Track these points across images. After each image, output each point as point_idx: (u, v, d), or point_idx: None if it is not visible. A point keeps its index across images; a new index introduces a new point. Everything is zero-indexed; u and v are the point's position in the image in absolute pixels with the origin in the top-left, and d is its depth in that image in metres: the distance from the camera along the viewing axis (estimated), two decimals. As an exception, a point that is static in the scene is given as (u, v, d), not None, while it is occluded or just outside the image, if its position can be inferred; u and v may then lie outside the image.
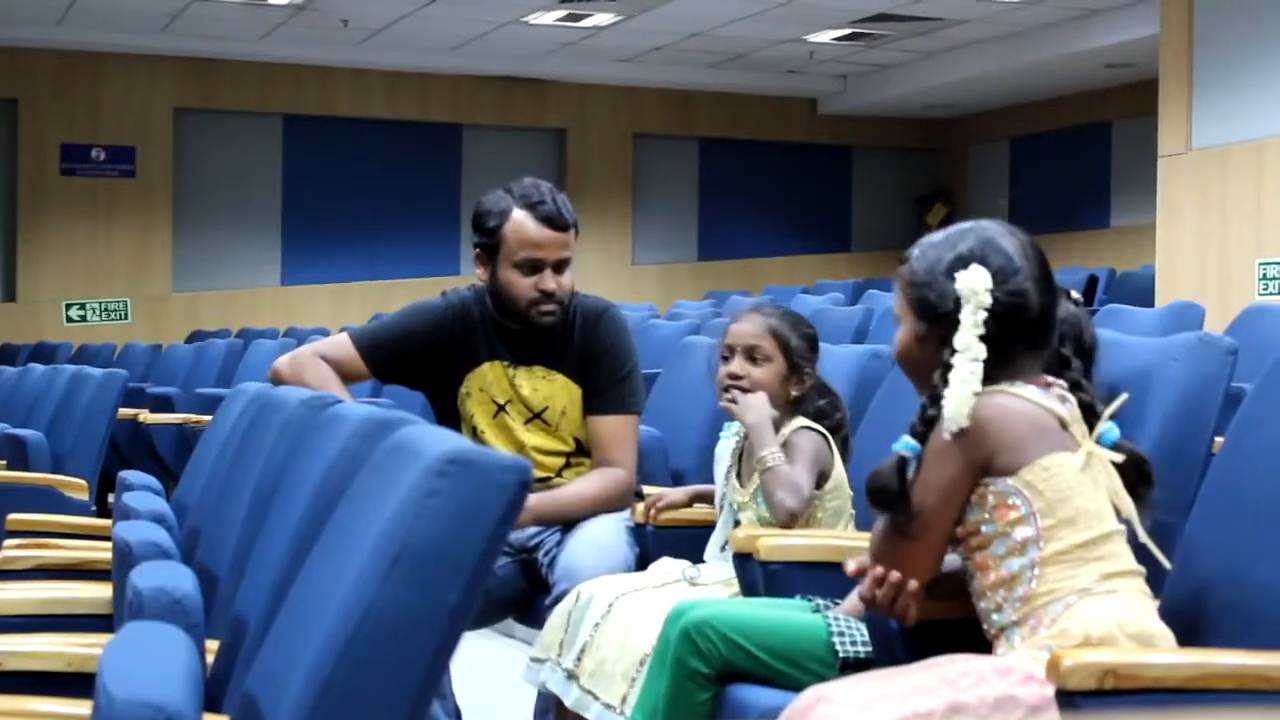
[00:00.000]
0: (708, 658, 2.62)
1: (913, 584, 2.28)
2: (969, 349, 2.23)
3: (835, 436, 3.21)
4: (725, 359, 3.25)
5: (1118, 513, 2.26)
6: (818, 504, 3.12)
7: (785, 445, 3.11)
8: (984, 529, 2.25)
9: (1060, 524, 2.20)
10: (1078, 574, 2.19)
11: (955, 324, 2.24)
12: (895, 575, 2.27)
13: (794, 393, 3.19)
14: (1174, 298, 7.90)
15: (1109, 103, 15.10)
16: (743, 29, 13.71)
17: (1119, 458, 2.27)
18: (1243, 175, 9.15)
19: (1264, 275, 9.01)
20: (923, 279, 2.30)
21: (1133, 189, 14.43)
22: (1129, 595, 2.21)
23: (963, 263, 2.27)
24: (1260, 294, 8.92)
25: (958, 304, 2.25)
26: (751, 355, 3.19)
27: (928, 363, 2.30)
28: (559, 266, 3.65)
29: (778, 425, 3.16)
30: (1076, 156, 15.74)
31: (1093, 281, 10.74)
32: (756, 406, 3.13)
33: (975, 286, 2.24)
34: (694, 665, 2.63)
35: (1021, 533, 2.21)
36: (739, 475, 3.27)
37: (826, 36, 14.04)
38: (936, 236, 2.36)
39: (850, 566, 2.35)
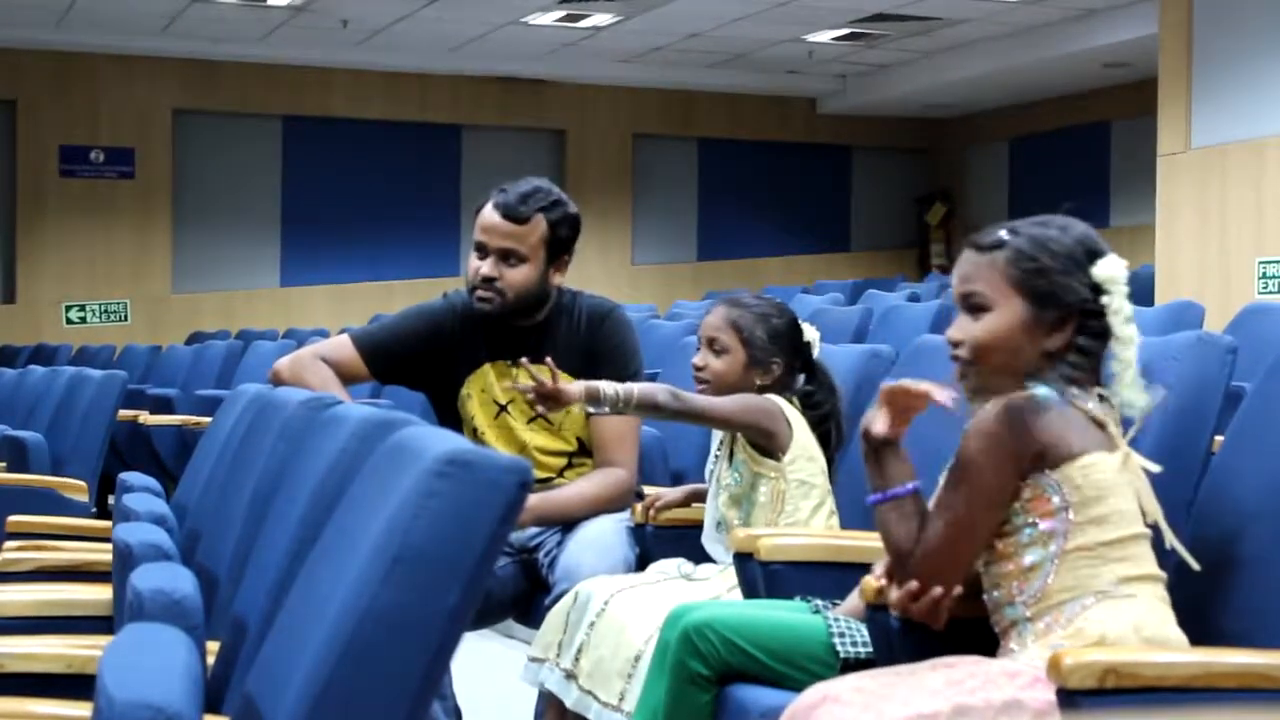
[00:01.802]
0: (707, 659, 2.62)
1: (938, 590, 2.26)
2: (1129, 335, 2.22)
3: (822, 425, 3.27)
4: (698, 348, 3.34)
5: (1144, 519, 2.25)
6: (778, 476, 3.17)
7: None
8: (1014, 518, 2.24)
9: (1090, 522, 2.19)
10: (1098, 574, 2.18)
11: (1079, 314, 2.23)
12: (938, 590, 2.24)
13: (759, 382, 3.24)
14: (1174, 297, 7.90)
15: (1108, 102, 15.10)
16: (742, 29, 13.70)
17: (1155, 467, 2.25)
18: (1242, 174, 9.14)
19: (1264, 274, 9.01)
20: (1047, 264, 2.25)
21: (1132, 189, 14.43)
22: (1147, 601, 2.20)
23: (1095, 254, 2.25)
24: (1260, 293, 8.92)
25: (1095, 291, 2.24)
26: (712, 346, 3.27)
27: (1026, 351, 2.25)
28: (505, 256, 3.62)
29: None
30: (1075, 156, 15.73)
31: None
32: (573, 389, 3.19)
33: (1116, 275, 2.23)
34: (694, 667, 2.63)
35: (1048, 524, 2.21)
36: (730, 457, 3.30)
37: (825, 36, 14.03)
38: (1030, 225, 2.30)
39: (877, 571, 2.34)
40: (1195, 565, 2.26)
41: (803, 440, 3.20)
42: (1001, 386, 2.25)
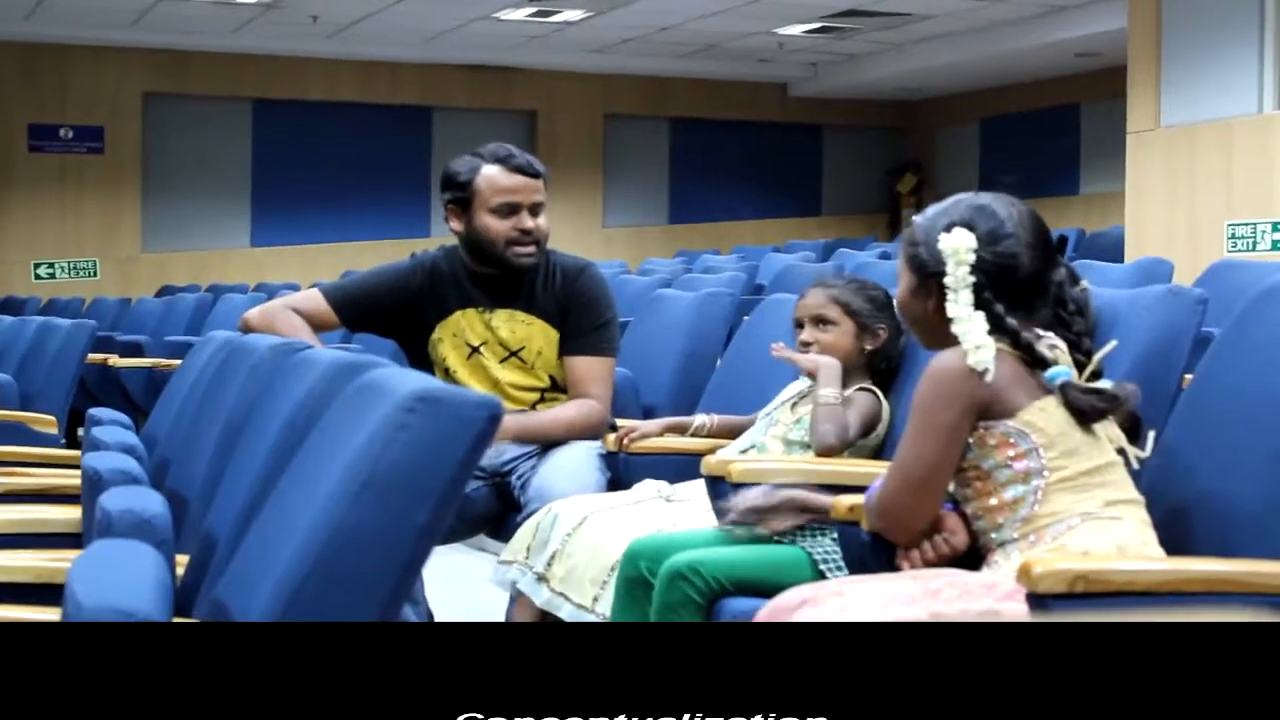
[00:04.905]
0: (701, 590, 2.72)
1: (960, 538, 2.31)
2: (960, 303, 2.32)
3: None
4: (799, 329, 3.38)
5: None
6: (848, 451, 3.23)
7: (846, 400, 3.22)
8: (984, 464, 2.29)
9: (1064, 454, 2.25)
10: (1082, 499, 2.24)
11: (943, 283, 2.34)
12: (931, 555, 2.31)
13: (868, 347, 3.30)
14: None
15: (1078, 87, 14.96)
16: (712, 24, 13.52)
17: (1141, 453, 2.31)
18: (1211, 147, 9.11)
19: (1233, 235, 8.99)
20: (919, 239, 2.42)
21: (1101, 165, 14.30)
22: (1133, 524, 2.25)
23: (950, 227, 2.37)
24: (1229, 251, 8.91)
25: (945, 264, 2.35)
26: (819, 322, 3.32)
27: (922, 315, 2.42)
28: (534, 210, 3.78)
29: (847, 382, 3.26)
30: (1047, 134, 15.58)
31: (1062, 241, 10.71)
32: (829, 365, 3.24)
33: (958, 246, 2.34)
34: (690, 595, 2.72)
35: (1022, 464, 2.26)
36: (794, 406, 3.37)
37: (796, 30, 13.87)
38: (940, 204, 2.48)
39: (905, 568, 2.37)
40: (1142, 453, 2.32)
41: (880, 431, 3.26)
42: (938, 342, 2.37)
